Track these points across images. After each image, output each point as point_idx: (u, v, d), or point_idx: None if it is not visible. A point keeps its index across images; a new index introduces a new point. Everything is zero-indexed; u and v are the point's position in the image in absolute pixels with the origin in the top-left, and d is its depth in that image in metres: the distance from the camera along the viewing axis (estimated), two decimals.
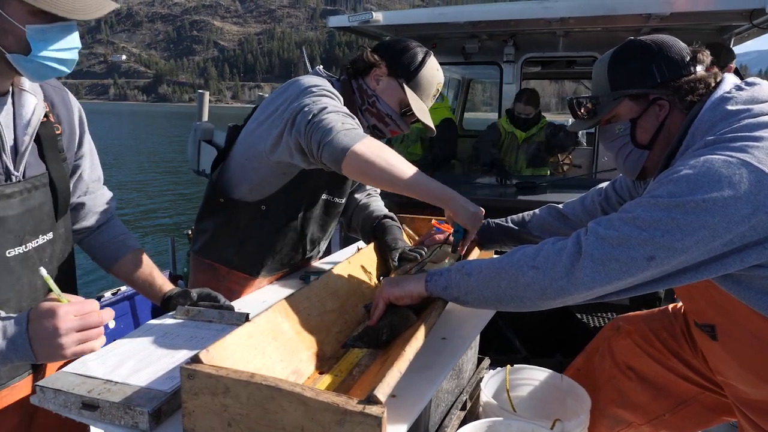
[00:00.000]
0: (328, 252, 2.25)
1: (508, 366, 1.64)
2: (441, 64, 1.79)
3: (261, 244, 1.82)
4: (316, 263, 2.06)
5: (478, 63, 5.32)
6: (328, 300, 1.35)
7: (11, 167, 1.16)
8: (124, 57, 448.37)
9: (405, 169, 1.42)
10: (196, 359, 0.90)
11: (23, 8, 1.03)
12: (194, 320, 1.35)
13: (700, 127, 1.25)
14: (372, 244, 1.79)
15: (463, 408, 1.41)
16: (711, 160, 1.11)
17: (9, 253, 1.15)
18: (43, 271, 1.04)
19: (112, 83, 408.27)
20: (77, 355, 0.99)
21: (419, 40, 1.80)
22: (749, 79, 1.31)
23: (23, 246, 1.19)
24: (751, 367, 1.33)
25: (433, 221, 1.98)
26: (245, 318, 1.32)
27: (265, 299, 1.66)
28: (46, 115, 1.25)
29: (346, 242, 2.79)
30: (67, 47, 1.11)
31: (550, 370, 1.67)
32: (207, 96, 3.83)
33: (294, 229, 1.82)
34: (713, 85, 1.32)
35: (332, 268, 1.46)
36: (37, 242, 1.22)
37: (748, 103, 1.23)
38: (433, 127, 1.78)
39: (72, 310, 0.99)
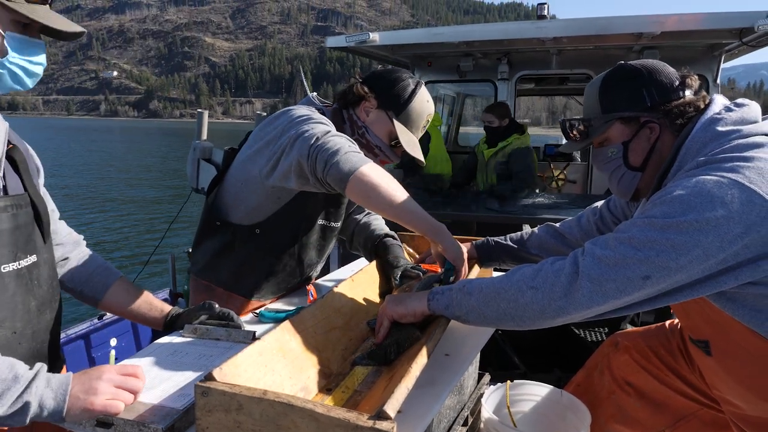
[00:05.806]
0: (327, 270, 2.28)
1: (509, 381, 1.66)
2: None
3: (258, 268, 1.83)
4: (318, 282, 2.09)
5: (473, 80, 5.39)
6: (333, 318, 1.37)
7: None
8: (115, 73, 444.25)
9: (404, 197, 1.45)
10: (209, 377, 0.93)
11: (7, 16, 1.13)
12: (202, 338, 1.38)
13: (691, 147, 1.29)
14: (374, 263, 1.82)
15: (464, 424, 1.42)
16: (703, 180, 1.13)
17: (4, 268, 1.16)
18: (113, 352, 1.21)
19: (103, 99, 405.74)
20: (105, 410, 1.00)
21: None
22: (738, 100, 1.34)
23: (17, 263, 1.19)
24: (745, 382, 1.35)
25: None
26: (252, 336, 1.35)
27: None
28: (11, 142, 1.28)
29: (344, 260, 2.82)
30: (37, 61, 1.20)
31: (550, 386, 1.69)
32: (206, 115, 3.88)
33: (291, 255, 1.82)
34: (702, 107, 1.35)
35: (335, 286, 1.49)
36: (28, 261, 1.22)
37: (738, 123, 1.26)
38: (423, 159, 1.80)
39: (117, 368, 1.08)
